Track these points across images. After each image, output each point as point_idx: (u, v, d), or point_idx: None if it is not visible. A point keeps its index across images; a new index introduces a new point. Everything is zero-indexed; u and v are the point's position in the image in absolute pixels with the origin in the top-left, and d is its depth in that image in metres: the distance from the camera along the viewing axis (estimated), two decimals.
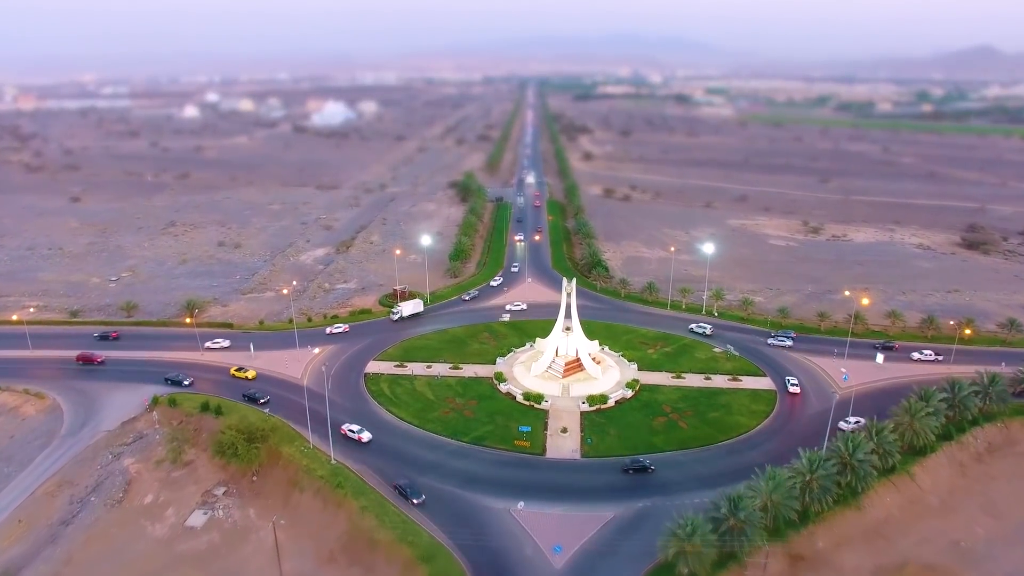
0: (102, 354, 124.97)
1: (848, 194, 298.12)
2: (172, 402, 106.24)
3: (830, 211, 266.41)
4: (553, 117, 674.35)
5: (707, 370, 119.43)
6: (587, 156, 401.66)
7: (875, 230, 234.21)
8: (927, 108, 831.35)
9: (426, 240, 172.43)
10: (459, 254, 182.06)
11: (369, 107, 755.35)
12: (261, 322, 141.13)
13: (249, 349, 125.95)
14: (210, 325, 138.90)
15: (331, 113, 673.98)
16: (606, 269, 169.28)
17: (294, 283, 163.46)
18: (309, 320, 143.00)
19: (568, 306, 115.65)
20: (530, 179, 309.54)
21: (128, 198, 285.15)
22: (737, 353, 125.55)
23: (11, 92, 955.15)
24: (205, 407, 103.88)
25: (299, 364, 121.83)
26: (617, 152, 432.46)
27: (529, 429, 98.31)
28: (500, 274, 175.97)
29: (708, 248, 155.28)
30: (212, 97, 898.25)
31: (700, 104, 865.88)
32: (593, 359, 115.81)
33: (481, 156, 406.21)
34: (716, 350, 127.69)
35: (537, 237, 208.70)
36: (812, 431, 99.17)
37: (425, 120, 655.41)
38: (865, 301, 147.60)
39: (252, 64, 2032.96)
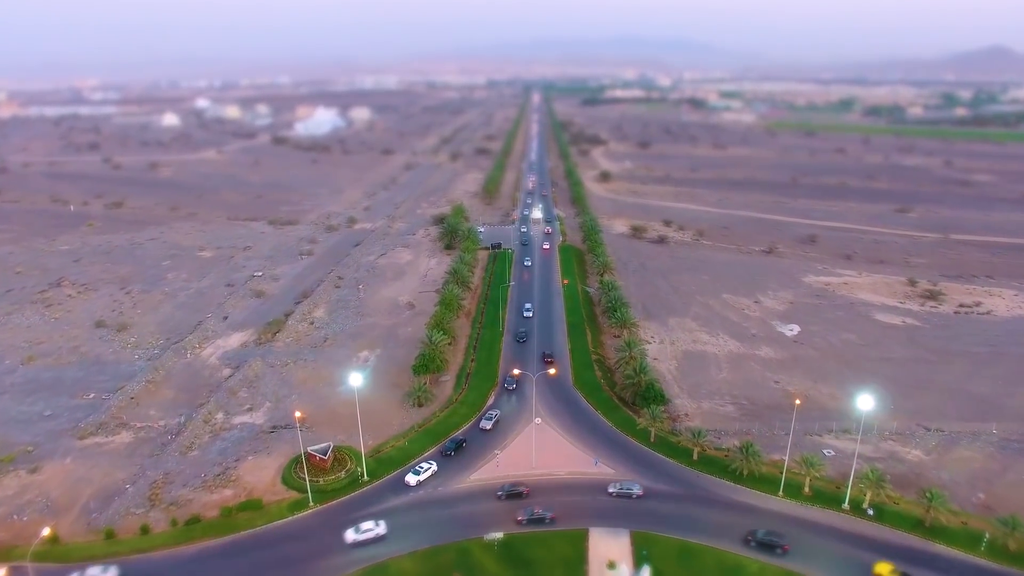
0: None
1: (944, 231, 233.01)
2: None
3: (932, 258, 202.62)
4: (561, 125, 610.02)
5: None
6: (604, 176, 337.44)
7: (1014, 292, 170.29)
8: (962, 112, 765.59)
9: (356, 379, 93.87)
10: (429, 363, 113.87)
11: (361, 114, 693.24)
12: (55, 539, 77.71)
13: None
14: None
15: (318, 122, 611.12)
16: (663, 398, 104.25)
17: (93, 513, 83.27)
18: (144, 531, 79.19)
19: None
20: (536, 214, 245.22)
21: (27, 238, 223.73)
22: None
23: None
24: None
25: None
26: (639, 170, 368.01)
27: None
28: (493, 396, 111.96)
29: (864, 402, 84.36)
30: (202, 103, 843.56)
31: (718, 109, 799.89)
32: None
33: (478, 176, 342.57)
34: None
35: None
36: None
37: (420, 129, 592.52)
38: None
39: (256, 68, 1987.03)
